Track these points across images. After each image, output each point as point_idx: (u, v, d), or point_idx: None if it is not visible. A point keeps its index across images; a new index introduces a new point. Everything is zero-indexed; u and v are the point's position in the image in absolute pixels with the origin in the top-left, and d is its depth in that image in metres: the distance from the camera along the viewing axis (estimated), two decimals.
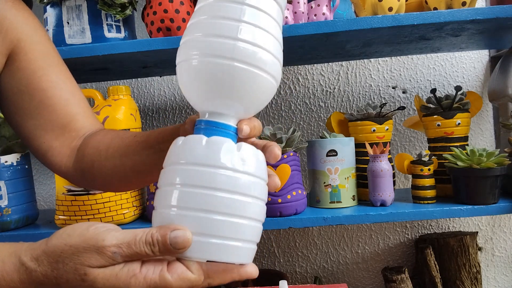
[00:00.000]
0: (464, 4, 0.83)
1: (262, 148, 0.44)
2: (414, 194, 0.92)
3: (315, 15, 0.88)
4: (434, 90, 0.96)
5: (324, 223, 0.85)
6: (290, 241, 1.25)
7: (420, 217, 0.86)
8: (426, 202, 0.90)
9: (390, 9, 0.82)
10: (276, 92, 1.33)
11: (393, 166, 0.97)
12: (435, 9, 0.84)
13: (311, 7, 0.89)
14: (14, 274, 0.36)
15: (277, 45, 0.37)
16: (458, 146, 0.92)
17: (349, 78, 1.22)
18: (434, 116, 0.94)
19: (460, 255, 1.08)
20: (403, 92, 1.21)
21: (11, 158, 0.93)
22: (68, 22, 0.88)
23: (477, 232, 1.14)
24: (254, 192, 0.36)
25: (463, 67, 1.20)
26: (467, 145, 0.94)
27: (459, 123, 0.93)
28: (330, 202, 0.92)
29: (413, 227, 1.23)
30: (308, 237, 1.25)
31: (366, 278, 1.25)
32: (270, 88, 0.38)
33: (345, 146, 0.92)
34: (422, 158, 0.90)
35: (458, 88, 0.93)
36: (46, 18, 0.90)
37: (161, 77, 1.24)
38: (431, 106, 0.98)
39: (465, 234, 1.10)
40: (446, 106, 0.95)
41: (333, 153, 0.91)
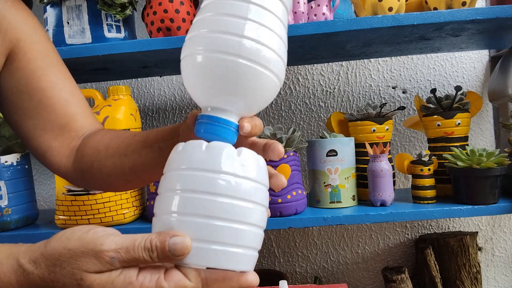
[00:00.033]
0: (464, 4, 0.83)
1: (263, 146, 0.43)
2: (414, 194, 0.92)
3: (315, 15, 0.88)
4: (434, 90, 0.96)
5: (324, 223, 0.85)
6: (290, 241, 1.25)
7: (420, 217, 0.86)
8: (426, 202, 0.90)
9: (390, 9, 0.82)
10: None
11: (393, 166, 0.97)
12: (435, 9, 0.84)
13: (311, 7, 0.89)
14: (11, 275, 0.35)
15: (281, 44, 0.38)
16: (458, 146, 0.92)
17: (349, 78, 1.22)
18: (434, 116, 0.94)
19: (460, 255, 1.08)
20: (403, 92, 1.21)
21: (11, 158, 0.93)
22: (68, 22, 0.88)
23: (477, 232, 1.14)
24: (255, 197, 0.35)
25: (463, 67, 1.20)
26: (467, 145, 0.94)
27: (459, 123, 0.93)
28: (330, 202, 0.92)
29: (413, 227, 1.23)
30: (308, 237, 1.25)
31: (366, 278, 1.25)
32: (273, 86, 0.38)
33: (345, 146, 0.92)
34: (422, 158, 0.90)
35: (458, 88, 0.93)
36: (46, 18, 0.90)
37: (161, 77, 1.24)
38: (431, 106, 0.98)
39: (465, 234, 1.10)
40: (446, 106, 0.95)
41: (333, 153, 0.91)
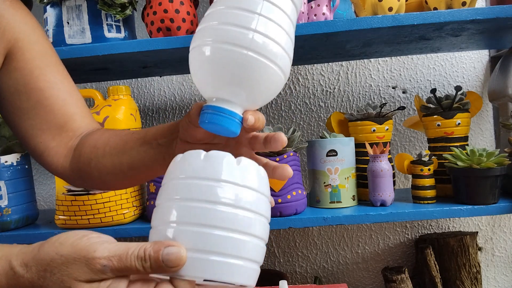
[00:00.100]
0: (464, 4, 0.83)
1: (265, 138, 0.43)
2: (414, 194, 0.92)
3: (315, 15, 0.88)
4: (434, 90, 0.96)
5: (324, 223, 0.85)
6: (290, 241, 1.25)
7: (420, 217, 0.86)
8: (426, 202, 0.90)
9: (390, 9, 0.82)
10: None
11: (393, 166, 0.97)
12: (435, 9, 0.84)
13: (311, 7, 0.89)
14: (2, 278, 0.35)
15: (289, 41, 0.39)
16: (458, 146, 0.92)
17: (349, 78, 1.22)
18: (434, 116, 0.94)
19: (460, 255, 1.08)
20: (403, 92, 1.21)
21: (11, 158, 0.93)
22: (68, 22, 0.88)
23: (477, 232, 1.14)
24: (256, 207, 0.34)
25: (463, 67, 1.20)
26: (467, 145, 0.94)
27: (459, 123, 0.93)
28: (330, 202, 0.92)
29: (413, 227, 1.23)
30: (308, 237, 1.25)
31: (366, 278, 1.25)
32: (279, 81, 0.39)
33: (345, 146, 0.92)
34: (422, 158, 0.90)
35: (458, 88, 0.93)
36: (46, 18, 0.90)
37: (161, 77, 1.24)
38: (431, 106, 0.98)
39: (465, 234, 1.10)
40: (446, 106, 0.95)
41: (333, 153, 0.91)
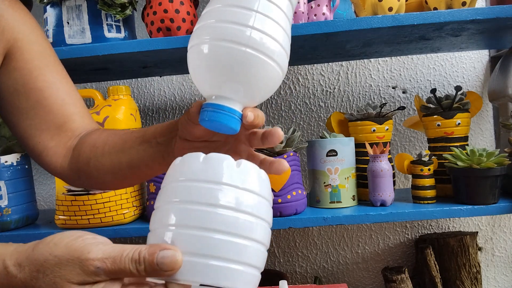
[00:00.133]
0: (464, 4, 0.83)
1: (262, 134, 0.44)
2: (414, 194, 0.92)
3: (315, 15, 0.88)
4: (434, 90, 0.96)
5: (324, 223, 0.85)
6: (290, 241, 1.25)
7: (420, 217, 0.86)
8: (426, 202, 0.90)
9: (390, 9, 0.82)
10: (276, 92, 1.33)
11: (393, 166, 0.97)
12: (435, 9, 0.84)
13: (311, 7, 0.89)
14: None
15: (286, 37, 0.39)
16: (458, 146, 0.92)
17: (349, 78, 1.22)
18: (434, 116, 0.94)
19: (460, 255, 1.08)
20: (403, 92, 1.21)
21: (11, 158, 0.93)
22: (68, 22, 0.88)
23: (477, 232, 1.14)
24: (256, 210, 0.34)
25: (463, 67, 1.20)
26: (467, 145, 0.94)
27: (459, 123, 0.93)
28: (330, 202, 0.92)
29: (413, 227, 1.23)
30: (308, 237, 1.25)
31: (366, 278, 1.25)
32: (277, 77, 0.39)
33: (345, 146, 0.92)
34: (422, 158, 0.90)
35: (458, 88, 0.93)
36: (46, 18, 0.90)
37: (161, 77, 1.24)
38: (431, 106, 0.98)
39: (465, 234, 1.10)
40: (446, 106, 0.95)
41: (333, 153, 0.91)
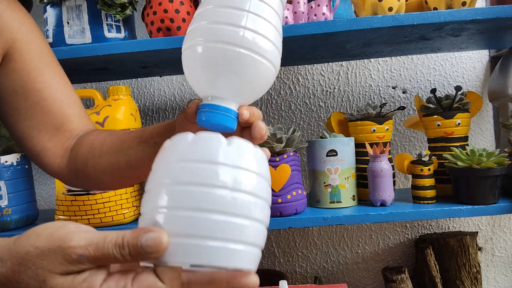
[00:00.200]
0: (464, 4, 0.83)
1: (251, 129, 0.43)
2: (414, 194, 0.92)
3: (315, 15, 0.88)
4: (434, 90, 0.96)
5: (324, 223, 0.85)
6: (290, 241, 1.25)
7: (420, 217, 0.86)
8: (426, 202, 0.90)
9: (390, 9, 0.82)
10: (276, 92, 1.32)
11: (393, 166, 0.97)
12: (435, 9, 0.84)
13: (311, 7, 0.89)
14: None
15: (277, 36, 0.40)
16: (458, 146, 0.92)
17: (349, 78, 1.22)
18: (434, 116, 0.94)
19: (460, 255, 1.08)
20: (403, 92, 1.21)
21: (11, 158, 0.93)
22: (68, 22, 0.88)
23: (477, 232, 1.14)
24: (250, 188, 0.32)
25: (463, 67, 1.20)
26: (467, 145, 0.94)
27: (459, 123, 0.92)
28: (330, 202, 0.92)
29: (413, 227, 1.23)
30: (308, 237, 1.25)
31: (366, 278, 1.25)
32: (270, 74, 0.40)
33: (345, 146, 0.92)
34: (422, 158, 0.90)
35: (458, 88, 0.93)
36: (46, 18, 0.90)
37: (161, 77, 1.24)
38: (431, 106, 0.98)
39: (465, 234, 1.10)
40: (446, 106, 0.95)
41: (333, 153, 0.91)
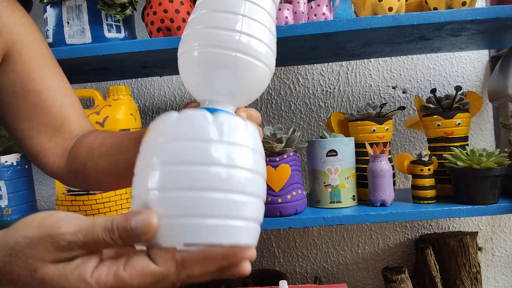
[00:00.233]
0: (464, 4, 0.83)
1: None
2: (414, 194, 0.92)
3: (315, 15, 0.88)
4: (434, 90, 0.96)
5: (324, 223, 0.85)
6: (290, 241, 1.25)
7: (420, 217, 0.86)
8: (426, 202, 0.90)
9: (390, 9, 0.82)
10: (276, 92, 1.32)
11: (393, 166, 0.97)
12: (435, 9, 0.84)
13: (311, 7, 0.89)
14: None
15: (272, 38, 0.40)
16: (458, 146, 0.92)
17: (349, 78, 1.22)
18: (434, 116, 0.94)
19: (460, 255, 1.08)
20: (403, 92, 1.21)
21: (11, 158, 0.93)
22: (68, 22, 0.88)
23: (477, 232, 1.14)
24: (231, 161, 0.32)
25: (463, 67, 1.20)
26: (467, 145, 0.94)
27: (459, 123, 0.92)
28: (330, 202, 0.92)
29: (413, 227, 1.23)
30: (308, 237, 1.25)
31: (366, 278, 1.25)
32: (266, 76, 0.41)
33: (345, 146, 0.92)
34: (422, 158, 0.90)
35: (458, 88, 0.93)
36: (46, 18, 0.90)
37: (161, 77, 1.24)
38: (431, 106, 0.98)
39: (465, 234, 1.10)
40: (446, 106, 0.95)
41: (333, 153, 0.91)
